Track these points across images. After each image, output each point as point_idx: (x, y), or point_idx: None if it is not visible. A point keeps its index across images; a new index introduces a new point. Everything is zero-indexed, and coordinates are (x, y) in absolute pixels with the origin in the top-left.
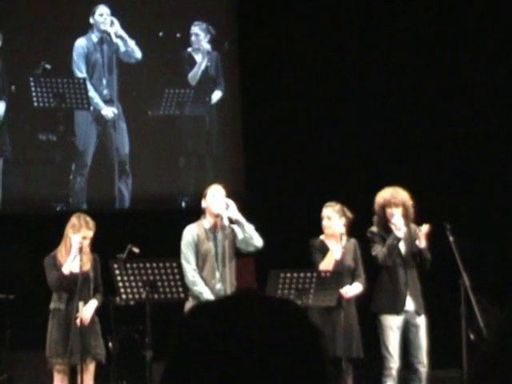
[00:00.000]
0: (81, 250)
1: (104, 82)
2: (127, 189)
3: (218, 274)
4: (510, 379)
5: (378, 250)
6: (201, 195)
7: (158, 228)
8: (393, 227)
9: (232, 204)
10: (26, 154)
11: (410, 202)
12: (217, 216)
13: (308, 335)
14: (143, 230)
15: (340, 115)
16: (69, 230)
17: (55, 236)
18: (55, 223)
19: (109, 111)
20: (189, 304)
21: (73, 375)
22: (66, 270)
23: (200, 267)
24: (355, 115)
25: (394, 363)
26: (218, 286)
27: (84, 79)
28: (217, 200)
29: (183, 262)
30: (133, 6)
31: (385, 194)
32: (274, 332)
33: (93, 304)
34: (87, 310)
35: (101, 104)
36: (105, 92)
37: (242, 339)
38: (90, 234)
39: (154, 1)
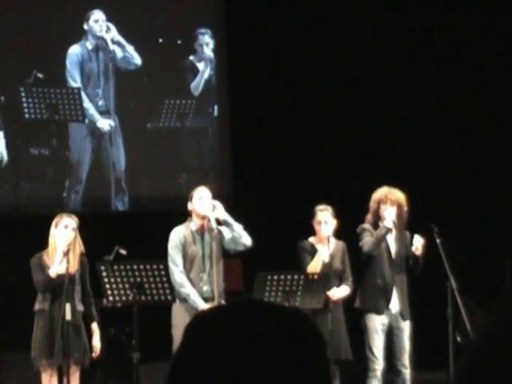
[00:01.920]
0: (67, 252)
1: (100, 92)
2: (124, 207)
3: (205, 276)
4: (495, 381)
5: (366, 240)
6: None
7: (156, 230)
8: (383, 220)
9: (219, 205)
10: (16, 169)
11: (405, 204)
12: (203, 218)
13: (314, 345)
14: (140, 232)
15: (328, 118)
16: (52, 227)
17: (43, 237)
18: (43, 224)
19: (105, 123)
20: (176, 306)
21: (59, 377)
22: (52, 272)
23: (187, 269)
24: (343, 119)
25: (379, 365)
26: (206, 288)
27: (78, 89)
28: (203, 202)
29: (170, 264)
30: (130, 11)
31: (383, 191)
32: (280, 340)
33: (97, 334)
34: (97, 340)
35: (96, 116)
36: (100, 103)
37: (247, 346)
38: (73, 223)
39: (153, 5)
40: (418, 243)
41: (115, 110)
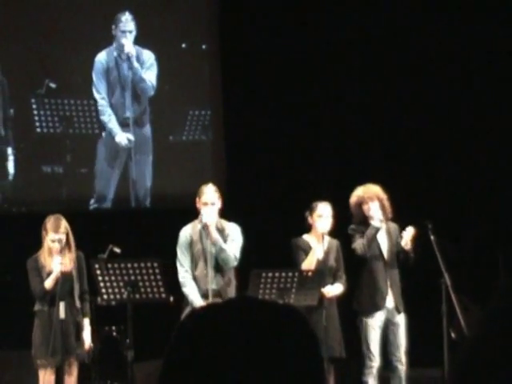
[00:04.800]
0: (60, 251)
1: (126, 102)
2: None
3: (210, 274)
4: (490, 379)
5: (357, 243)
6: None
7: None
8: (370, 220)
9: (212, 226)
10: (27, 188)
11: (383, 195)
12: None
13: (307, 343)
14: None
15: (318, 117)
16: (43, 232)
17: (40, 236)
18: (39, 223)
19: (123, 138)
20: (187, 309)
21: (57, 376)
22: (48, 284)
23: (193, 267)
24: (333, 117)
25: (375, 362)
26: (212, 286)
27: (94, 100)
28: (207, 210)
29: (177, 263)
30: (150, 13)
31: (357, 193)
32: (273, 338)
33: (87, 327)
34: (87, 335)
35: (116, 129)
36: (126, 114)
37: (240, 344)
38: (60, 236)
39: (175, 8)
40: (407, 236)
41: (134, 123)
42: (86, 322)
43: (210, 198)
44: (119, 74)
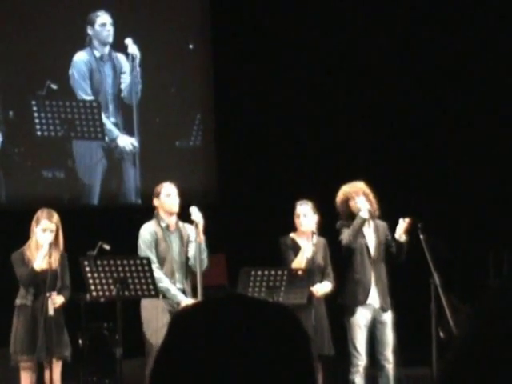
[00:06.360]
0: (50, 245)
1: (111, 107)
2: None
3: (177, 274)
4: (478, 379)
5: (344, 234)
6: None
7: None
8: (358, 212)
9: (201, 223)
10: (26, 195)
11: (368, 190)
12: (171, 215)
13: (299, 341)
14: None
15: (309, 117)
16: (33, 225)
17: (24, 231)
18: (24, 219)
19: (126, 142)
20: (145, 302)
21: (39, 372)
22: (37, 265)
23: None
24: (323, 120)
25: (362, 360)
26: (178, 285)
27: (98, 102)
28: (172, 200)
29: None
30: (156, 12)
31: (343, 190)
32: (264, 336)
33: (59, 299)
34: (53, 304)
35: (115, 131)
36: (111, 119)
37: (231, 342)
38: (52, 226)
39: (181, 7)
40: (400, 228)
41: (138, 127)
42: (59, 297)
43: (171, 189)
44: (102, 75)
